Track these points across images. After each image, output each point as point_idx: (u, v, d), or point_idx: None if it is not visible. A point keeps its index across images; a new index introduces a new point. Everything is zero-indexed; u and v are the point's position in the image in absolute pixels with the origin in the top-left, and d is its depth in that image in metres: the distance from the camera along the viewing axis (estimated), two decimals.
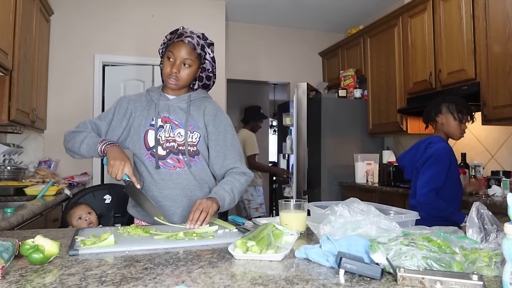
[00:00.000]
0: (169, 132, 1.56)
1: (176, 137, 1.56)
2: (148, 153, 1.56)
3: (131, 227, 1.27)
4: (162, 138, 1.56)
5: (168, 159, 1.56)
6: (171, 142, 1.56)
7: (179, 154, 1.56)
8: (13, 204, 2.35)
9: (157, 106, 1.58)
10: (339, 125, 4.01)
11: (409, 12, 3.46)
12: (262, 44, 4.97)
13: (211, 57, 1.61)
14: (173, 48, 1.51)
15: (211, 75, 1.64)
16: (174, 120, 1.57)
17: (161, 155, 1.56)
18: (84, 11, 3.88)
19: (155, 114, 1.57)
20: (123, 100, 1.63)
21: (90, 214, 1.95)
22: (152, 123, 1.57)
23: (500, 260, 0.84)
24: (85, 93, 3.83)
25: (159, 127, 1.57)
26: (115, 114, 1.60)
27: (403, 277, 0.77)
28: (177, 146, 1.56)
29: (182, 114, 1.58)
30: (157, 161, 1.55)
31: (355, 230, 1.02)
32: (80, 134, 1.51)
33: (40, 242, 0.92)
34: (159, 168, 1.55)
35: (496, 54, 2.59)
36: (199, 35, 1.56)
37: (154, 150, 1.55)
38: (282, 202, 1.32)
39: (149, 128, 1.57)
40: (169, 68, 1.51)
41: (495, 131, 2.91)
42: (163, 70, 1.55)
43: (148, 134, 1.57)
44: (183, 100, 1.60)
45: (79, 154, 1.52)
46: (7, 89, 2.53)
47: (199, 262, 0.94)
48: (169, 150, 1.56)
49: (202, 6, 4.21)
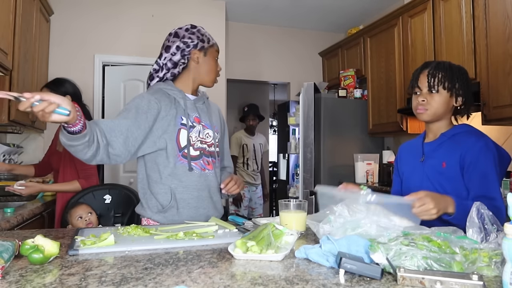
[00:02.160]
0: (201, 133, 1.54)
1: (206, 138, 1.55)
2: (179, 155, 1.49)
3: (131, 227, 1.27)
4: (192, 138, 1.51)
5: (200, 160, 1.53)
6: (203, 143, 1.54)
7: (209, 156, 1.56)
8: (13, 204, 2.35)
9: (185, 105, 1.52)
10: (339, 125, 4.00)
11: (409, 12, 3.46)
12: (262, 44, 4.97)
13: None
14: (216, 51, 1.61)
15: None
16: (203, 121, 1.56)
17: (193, 156, 1.51)
18: (84, 11, 3.88)
19: (184, 113, 1.51)
20: (151, 97, 1.46)
21: (90, 214, 1.96)
22: (183, 122, 1.50)
23: (500, 260, 0.84)
24: (85, 93, 3.78)
25: (190, 126, 1.52)
26: (141, 112, 1.41)
27: (403, 277, 0.77)
28: (207, 148, 1.56)
29: (205, 115, 1.59)
30: (189, 162, 1.50)
31: (355, 229, 1.03)
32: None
33: (40, 242, 0.92)
34: (192, 170, 1.50)
35: (496, 54, 2.59)
36: None
37: (186, 151, 1.49)
38: (282, 202, 1.32)
39: (181, 127, 1.49)
40: (219, 69, 1.63)
41: (495, 131, 2.91)
42: (210, 70, 1.59)
43: (180, 134, 1.49)
44: (201, 101, 1.61)
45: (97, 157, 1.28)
46: (7, 89, 2.53)
47: (199, 262, 0.94)
48: (201, 152, 1.53)
49: (202, 6, 4.21)
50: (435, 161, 1.41)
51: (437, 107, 1.39)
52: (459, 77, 1.40)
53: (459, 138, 1.39)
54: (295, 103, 4.39)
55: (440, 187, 1.36)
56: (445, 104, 1.39)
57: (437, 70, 1.40)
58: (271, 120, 7.51)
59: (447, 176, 1.36)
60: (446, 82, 1.38)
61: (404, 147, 1.64)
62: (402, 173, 1.57)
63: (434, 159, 1.42)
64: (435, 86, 1.38)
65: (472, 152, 1.32)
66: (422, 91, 1.42)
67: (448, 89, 1.38)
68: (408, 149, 1.60)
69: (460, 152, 1.35)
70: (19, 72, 2.65)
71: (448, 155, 1.38)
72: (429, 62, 1.47)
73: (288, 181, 4.50)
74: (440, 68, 1.40)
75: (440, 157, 1.40)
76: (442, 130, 1.45)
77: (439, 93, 1.39)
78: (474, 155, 1.32)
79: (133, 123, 1.38)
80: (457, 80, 1.39)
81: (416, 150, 1.53)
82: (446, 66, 1.41)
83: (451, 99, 1.40)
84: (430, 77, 1.39)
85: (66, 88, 2.30)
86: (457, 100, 1.41)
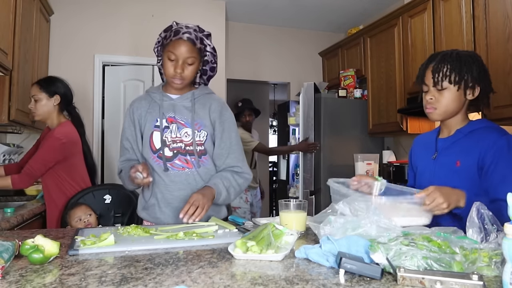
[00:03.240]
0: (175, 133, 1.53)
1: (183, 137, 1.53)
2: (155, 156, 1.53)
3: (131, 227, 1.27)
4: (168, 139, 1.53)
5: (176, 160, 1.53)
6: (178, 142, 1.53)
7: (186, 155, 1.53)
8: (13, 204, 2.35)
9: (160, 107, 1.54)
10: (339, 125, 4.00)
11: (409, 12, 3.46)
12: (262, 44, 4.97)
13: (212, 48, 1.56)
14: (172, 47, 1.44)
15: (214, 65, 1.60)
16: (180, 120, 1.54)
17: (168, 156, 1.52)
18: (84, 11, 3.88)
19: (159, 115, 1.54)
20: (129, 111, 1.62)
21: (89, 216, 1.95)
22: (157, 124, 1.54)
23: (500, 260, 0.84)
24: (85, 93, 3.82)
25: (165, 127, 1.53)
26: (127, 129, 1.61)
27: (403, 277, 0.77)
28: (185, 147, 1.53)
29: (187, 113, 1.55)
30: (165, 163, 1.52)
31: (355, 230, 1.02)
32: (122, 176, 1.61)
33: (40, 242, 0.92)
34: (167, 171, 1.52)
35: (496, 54, 2.59)
36: (195, 28, 1.50)
37: (161, 152, 1.52)
38: (282, 202, 1.32)
39: (153, 129, 1.54)
40: (172, 69, 1.46)
41: None
42: (165, 70, 1.49)
43: (153, 136, 1.54)
44: (187, 99, 1.57)
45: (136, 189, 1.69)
46: (7, 89, 2.53)
47: (199, 262, 0.94)
48: (176, 151, 1.53)
49: (202, 6, 4.21)
50: (448, 158, 1.30)
51: (447, 104, 1.27)
52: (469, 66, 1.25)
53: (477, 135, 1.26)
54: (295, 103, 4.39)
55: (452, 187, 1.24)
56: (456, 100, 1.27)
57: (442, 63, 1.27)
58: (271, 120, 7.50)
59: (460, 176, 1.26)
60: (453, 75, 1.25)
61: (419, 140, 1.52)
62: (416, 167, 1.47)
63: (447, 156, 1.31)
64: (439, 82, 1.26)
65: (493, 151, 1.20)
66: (430, 88, 1.30)
67: (456, 82, 1.25)
68: (422, 143, 1.48)
69: (479, 152, 1.23)
70: (19, 72, 2.65)
71: (464, 153, 1.27)
72: (435, 54, 1.33)
73: (288, 181, 4.50)
74: (446, 60, 1.27)
75: (454, 155, 1.29)
76: (457, 126, 1.32)
77: (448, 89, 1.26)
78: (496, 155, 1.20)
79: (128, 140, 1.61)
80: (467, 71, 1.25)
81: (429, 145, 1.41)
82: (454, 56, 1.27)
83: (462, 93, 1.26)
84: (434, 73, 1.27)
85: (57, 87, 2.20)
86: (472, 92, 1.27)
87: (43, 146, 2.09)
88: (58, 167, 2.11)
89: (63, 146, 2.07)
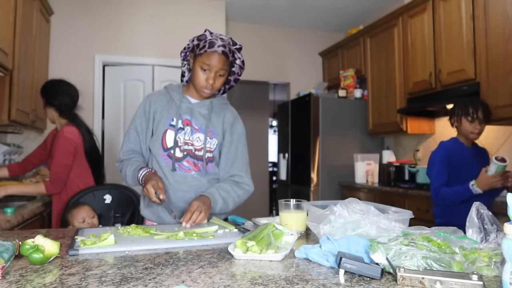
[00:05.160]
0: (188, 135, 1.55)
1: (194, 141, 1.55)
2: (165, 154, 1.54)
3: (131, 227, 1.27)
4: (181, 140, 1.54)
5: (184, 161, 1.54)
6: (190, 145, 1.55)
7: (194, 158, 1.55)
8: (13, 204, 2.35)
9: (178, 108, 1.57)
10: (339, 125, 4.01)
11: (409, 12, 3.46)
12: (262, 44, 4.97)
13: (241, 61, 1.58)
14: (207, 59, 1.46)
15: (239, 78, 1.64)
16: (195, 125, 1.57)
17: (178, 157, 1.54)
18: (84, 11, 3.88)
19: (176, 115, 1.56)
20: (145, 103, 1.62)
21: (93, 218, 1.96)
22: (172, 123, 1.55)
23: (500, 260, 0.84)
24: (85, 93, 3.80)
25: (179, 128, 1.55)
26: (138, 119, 1.61)
27: (403, 277, 0.77)
28: (194, 151, 1.55)
29: (203, 119, 1.58)
30: (173, 163, 1.53)
31: (355, 230, 1.02)
32: (123, 166, 1.59)
33: (40, 242, 0.92)
34: (175, 171, 1.53)
35: (496, 54, 2.59)
36: (229, 41, 1.52)
37: (172, 151, 1.54)
38: (282, 202, 1.32)
39: (168, 128, 1.55)
40: (204, 79, 1.49)
41: (495, 131, 2.91)
42: (196, 79, 1.51)
43: (167, 134, 1.55)
44: (205, 106, 1.60)
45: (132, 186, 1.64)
46: (7, 89, 2.53)
47: (199, 262, 0.94)
48: (186, 153, 1.55)
49: (202, 6, 4.21)
50: None
51: None
52: None
53: None
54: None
55: None
56: None
57: None
58: (271, 120, 7.50)
59: None
60: None
61: None
62: None
63: None
64: None
65: None
66: None
67: None
68: None
69: None
70: (19, 72, 2.66)
71: None
72: None
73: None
74: None
75: None
76: None
77: None
78: None
79: (136, 131, 1.61)
80: None
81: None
82: None
83: None
84: None
85: (50, 97, 2.28)
86: None
87: (58, 151, 2.16)
88: None
89: (74, 144, 2.20)
